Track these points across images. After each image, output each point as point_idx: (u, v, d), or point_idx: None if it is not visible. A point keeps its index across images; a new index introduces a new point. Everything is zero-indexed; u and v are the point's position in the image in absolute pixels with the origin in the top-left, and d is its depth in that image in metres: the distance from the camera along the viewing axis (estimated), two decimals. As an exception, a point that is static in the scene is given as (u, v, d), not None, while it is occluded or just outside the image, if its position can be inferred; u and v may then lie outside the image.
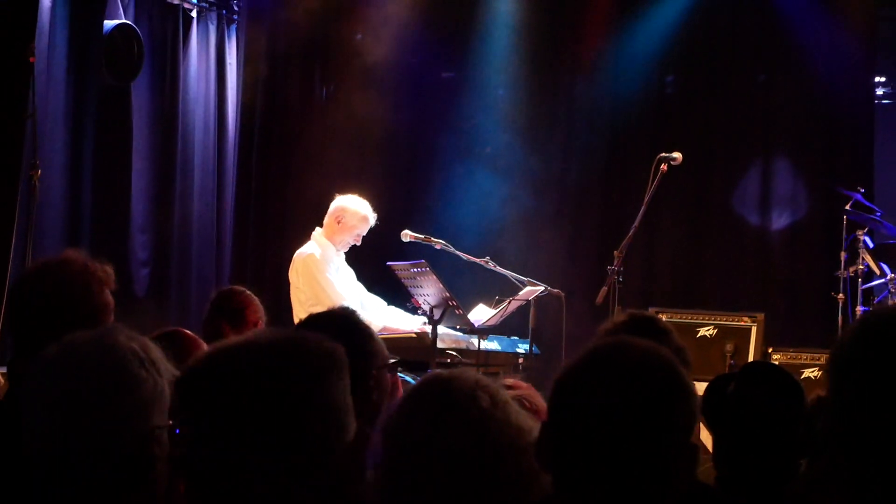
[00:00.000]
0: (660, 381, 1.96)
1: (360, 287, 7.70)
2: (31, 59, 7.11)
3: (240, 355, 1.72)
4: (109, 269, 3.10)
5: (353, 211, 7.58)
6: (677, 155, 7.46)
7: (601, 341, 2.05)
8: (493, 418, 2.09)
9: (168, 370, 2.13)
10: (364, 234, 7.62)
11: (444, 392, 2.10)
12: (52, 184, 7.86)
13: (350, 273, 7.69)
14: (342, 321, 3.21)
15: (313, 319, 3.26)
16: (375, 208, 7.65)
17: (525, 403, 2.45)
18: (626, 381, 1.95)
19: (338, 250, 7.60)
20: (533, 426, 2.13)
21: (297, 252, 7.59)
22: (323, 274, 7.39)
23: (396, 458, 2.06)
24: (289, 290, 7.59)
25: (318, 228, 7.66)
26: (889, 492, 1.62)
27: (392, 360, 3.25)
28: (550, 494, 1.96)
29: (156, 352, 2.15)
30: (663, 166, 7.42)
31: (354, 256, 7.75)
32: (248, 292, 5.14)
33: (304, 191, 9.92)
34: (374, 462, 2.07)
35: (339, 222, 7.57)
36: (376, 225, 7.64)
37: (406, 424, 2.08)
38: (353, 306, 7.07)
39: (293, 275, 7.54)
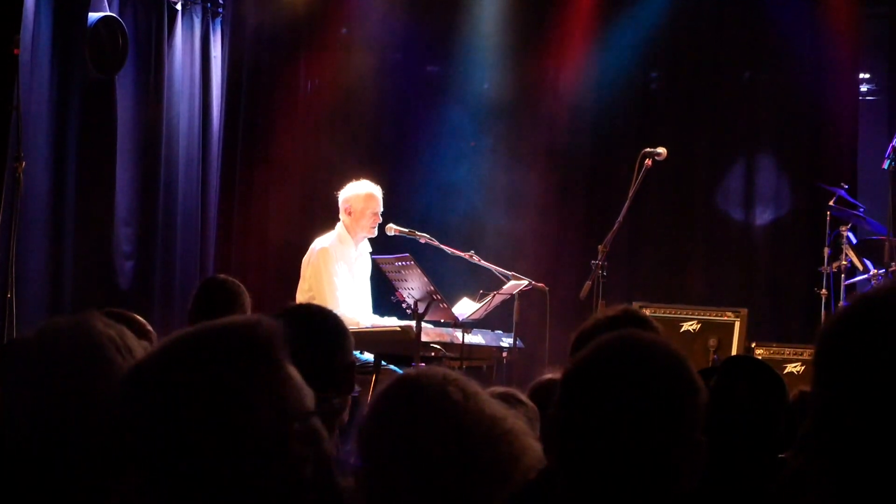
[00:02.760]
0: (669, 374, 1.97)
1: (367, 288, 7.70)
2: (15, 52, 7.08)
3: (170, 355, 1.70)
4: None
5: (356, 196, 7.60)
6: (662, 150, 7.48)
7: (609, 335, 2.04)
8: (467, 411, 2.09)
9: None
10: (380, 209, 7.61)
11: (414, 391, 2.10)
12: (37, 176, 7.82)
13: (366, 268, 7.69)
14: (321, 316, 3.22)
15: (291, 312, 3.25)
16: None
17: (512, 398, 2.46)
18: (636, 374, 1.95)
19: (357, 243, 7.61)
20: (507, 413, 2.13)
21: (316, 240, 7.62)
22: (330, 275, 7.38)
23: (375, 461, 2.05)
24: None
25: (340, 221, 7.66)
26: (873, 491, 1.49)
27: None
28: (551, 473, 1.94)
29: (133, 340, 2.14)
30: (648, 161, 7.44)
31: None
32: (237, 282, 5.08)
33: (288, 183, 9.92)
34: (352, 466, 2.06)
35: (350, 214, 7.58)
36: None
37: (381, 426, 2.08)
38: (353, 310, 7.09)
39: (304, 262, 7.56)
